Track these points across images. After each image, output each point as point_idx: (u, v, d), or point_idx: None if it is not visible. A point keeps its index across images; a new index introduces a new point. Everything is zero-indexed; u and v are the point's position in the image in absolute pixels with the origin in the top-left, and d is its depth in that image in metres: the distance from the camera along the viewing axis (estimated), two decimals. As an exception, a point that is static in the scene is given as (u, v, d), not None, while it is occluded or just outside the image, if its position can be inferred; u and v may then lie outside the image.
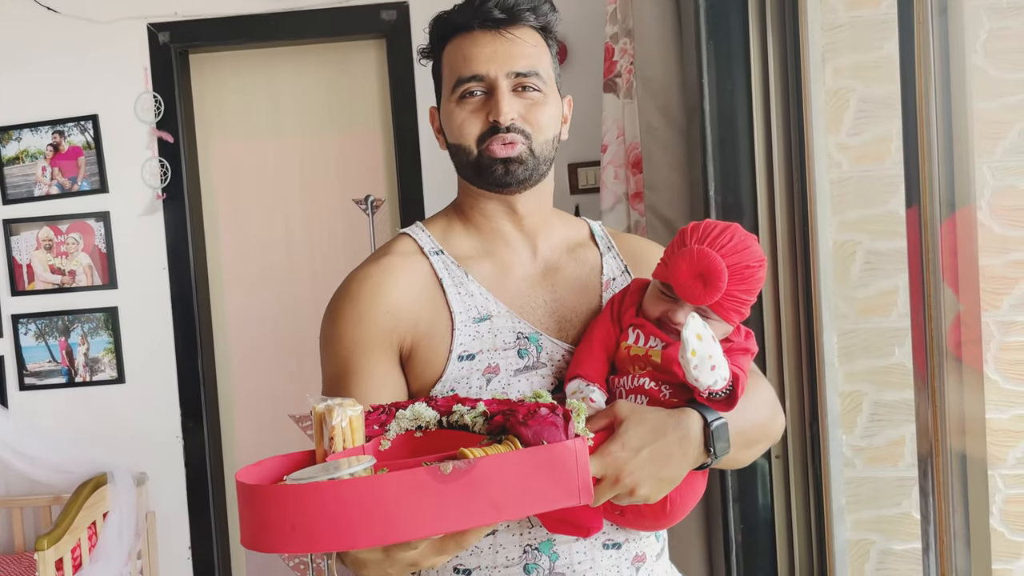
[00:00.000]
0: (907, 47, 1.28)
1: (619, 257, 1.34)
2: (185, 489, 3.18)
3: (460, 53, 1.21)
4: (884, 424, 1.98)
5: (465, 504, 0.86)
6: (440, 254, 1.25)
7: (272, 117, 3.25)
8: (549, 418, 0.93)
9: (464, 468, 0.87)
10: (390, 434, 1.01)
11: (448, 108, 1.23)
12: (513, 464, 0.89)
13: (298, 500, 0.84)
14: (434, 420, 1.01)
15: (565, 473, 0.91)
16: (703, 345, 1.03)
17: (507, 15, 1.20)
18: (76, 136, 3.12)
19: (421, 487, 0.85)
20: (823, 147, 1.94)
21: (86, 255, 3.14)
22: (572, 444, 0.92)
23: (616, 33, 2.45)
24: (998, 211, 1.85)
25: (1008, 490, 1.86)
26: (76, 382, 3.17)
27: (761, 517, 2.07)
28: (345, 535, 0.83)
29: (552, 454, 0.91)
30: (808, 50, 1.91)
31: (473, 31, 1.21)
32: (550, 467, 0.90)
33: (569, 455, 0.91)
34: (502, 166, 1.20)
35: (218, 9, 3.07)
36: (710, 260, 1.09)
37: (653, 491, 1.07)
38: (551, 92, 1.23)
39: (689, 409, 1.10)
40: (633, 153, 2.40)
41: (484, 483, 0.87)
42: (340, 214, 3.24)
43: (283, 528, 0.84)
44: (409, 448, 1.01)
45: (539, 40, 1.23)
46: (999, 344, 1.85)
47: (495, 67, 1.19)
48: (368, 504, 0.84)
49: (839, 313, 1.97)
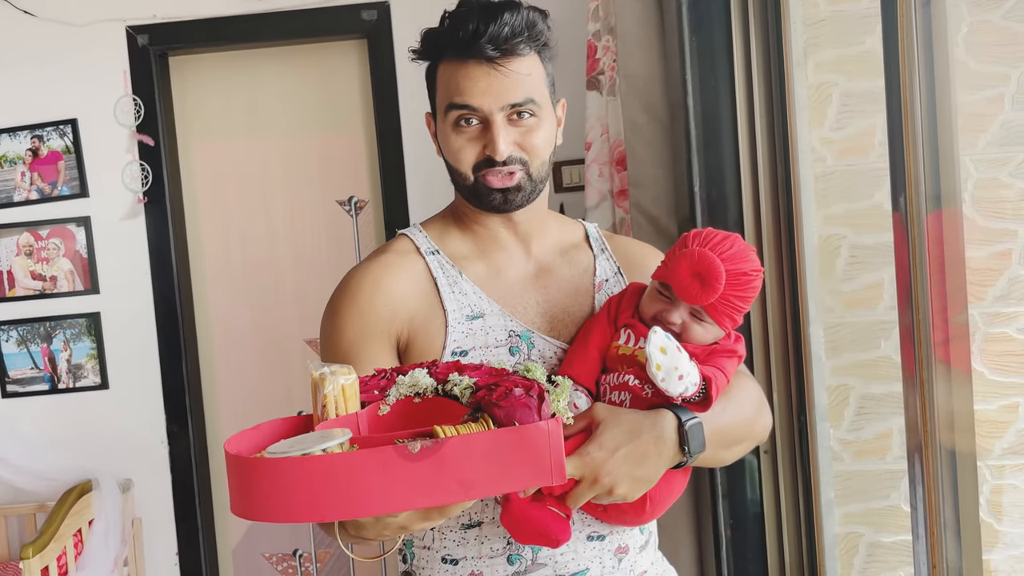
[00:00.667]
0: (891, 40, 1.28)
1: (612, 259, 1.36)
2: (171, 495, 3.15)
3: (453, 81, 1.20)
4: (871, 417, 1.98)
5: (433, 482, 0.88)
6: (436, 254, 1.28)
7: (254, 119, 3.23)
8: (522, 399, 0.93)
9: (431, 447, 0.88)
10: (390, 399, 1.04)
11: (443, 129, 1.23)
12: (482, 444, 0.90)
13: (272, 473, 0.87)
14: (431, 387, 1.03)
15: (536, 453, 0.91)
16: (667, 358, 1.08)
17: (501, 52, 1.18)
18: (55, 140, 3.08)
19: (389, 464, 0.87)
20: (807, 141, 1.95)
21: (67, 260, 3.11)
22: (545, 425, 0.92)
23: (599, 30, 2.45)
24: (981, 203, 1.86)
25: (995, 480, 1.88)
26: (59, 389, 3.14)
27: (750, 512, 2.07)
28: (317, 508, 0.86)
29: (523, 435, 0.91)
30: (790, 45, 1.91)
31: (466, 62, 1.19)
32: (520, 448, 0.90)
33: (541, 436, 0.91)
34: (500, 195, 1.22)
35: (197, 11, 3.05)
36: (710, 261, 1.13)
37: (631, 490, 1.10)
38: (545, 113, 1.23)
39: (664, 410, 1.13)
40: (617, 150, 2.40)
41: (452, 462, 0.88)
42: (323, 215, 3.22)
43: (260, 498, 0.88)
44: (407, 414, 1.04)
45: (534, 61, 1.22)
46: (984, 336, 1.86)
47: (489, 101, 1.18)
48: (338, 479, 0.86)
49: (825, 307, 1.98)
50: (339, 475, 0.86)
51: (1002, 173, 1.85)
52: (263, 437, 1.00)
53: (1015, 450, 1.86)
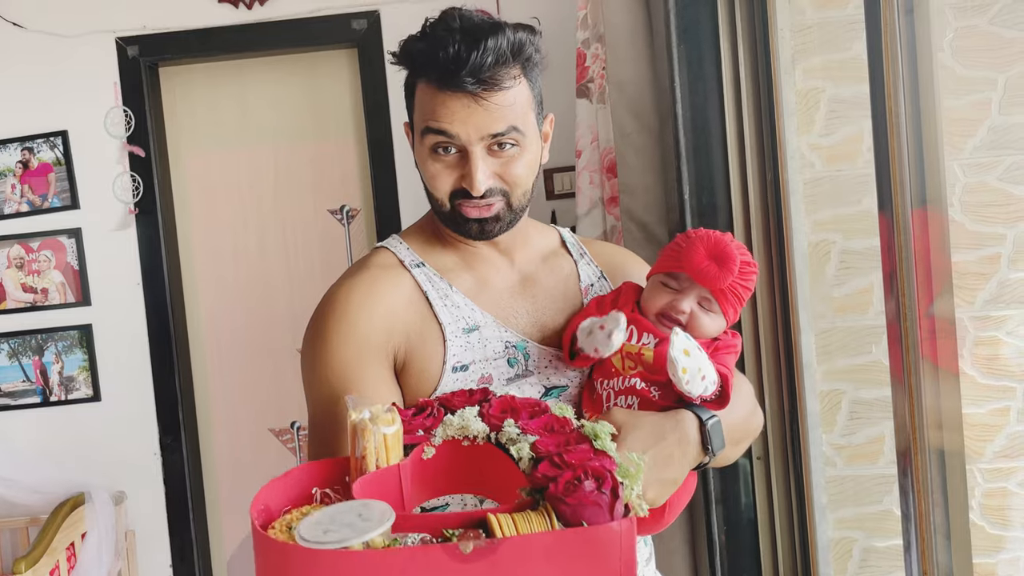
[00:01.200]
0: (875, 47, 1.28)
1: (593, 263, 1.34)
2: (165, 507, 3.14)
3: (430, 106, 1.14)
4: (863, 422, 1.99)
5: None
6: (422, 266, 1.24)
7: (244, 129, 3.23)
8: (593, 495, 0.83)
9: (486, 548, 0.78)
10: (436, 440, 0.96)
11: (420, 150, 1.18)
12: (545, 546, 0.80)
13: (304, 563, 0.77)
14: (483, 434, 0.95)
15: (606, 558, 0.81)
16: (691, 360, 1.07)
17: (482, 86, 1.11)
18: (46, 152, 3.08)
19: (437, 566, 0.78)
20: (795, 147, 1.95)
21: (58, 272, 3.10)
22: (618, 527, 0.81)
23: (587, 38, 2.45)
24: (969, 207, 1.86)
25: (987, 484, 1.88)
26: (51, 401, 3.12)
27: (744, 518, 2.07)
28: None
29: (592, 538, 0.81)
30: (778, 51, 1.92)
31: (443, 91, 1.12)
32: (588, 552, 0.80)
33: (612, 539, 0.81)
34: (477, 225, 1.19)
35: (187, 22, 3.05)
36: (724, 243, 1.15)
37: (659, 494, 1.06)
38: (529, 139, 1.17)
39: (683, 410, 1.11)
40: (607, 158, 2.40)
41: (509, 566, 0.79)
42: (315, 225, 3.22)
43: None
44: (455, 459, 0.95)
45: (519, 87, 1.15)
46: (974, 339, 1.86)
47: (468, 132, 1.12)
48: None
49: (816, 313, 1.98)
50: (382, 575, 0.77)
51: (990, 177, 1.86)
52: (293, 488, 0.90)
53: (1006, 453, 1.87)
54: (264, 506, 0.87)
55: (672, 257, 1.18)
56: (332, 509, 0.83)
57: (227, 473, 3.27)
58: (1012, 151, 1.85)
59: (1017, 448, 1.87)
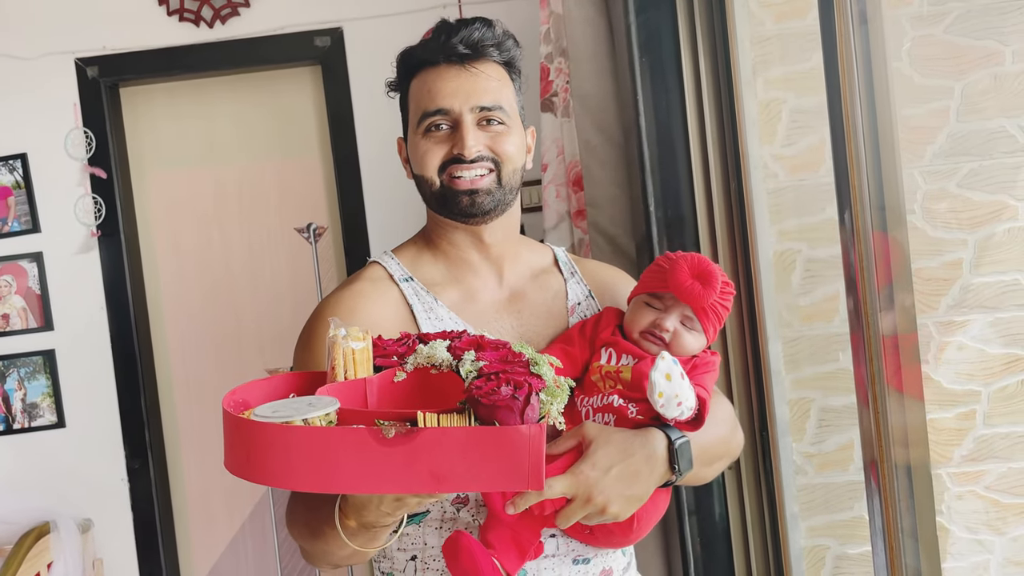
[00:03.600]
0: (831, 57, 1.30)
1: (583, 282, 1.37)
2: (133, 534, 3.08)
3: (425, 88, 1.24)
4: (832, 429, 2.00)
5: (405, 469, 0.87)
6: (410, 281, 1.28)
7: (208, 148, 3.20)
8: (506, 399, 0.90)
9: (406, 435, 0.87)
10: (407, 366, 1.03)
11: (414, 141, 1.26)
12: (458, 439, 0.88)
13: (252, 436, 0.89)
14: (447, 362, 1.02)
15: (513, 457, 0.88)
16: (670, 385, 1.10)
17: (471, 50, 1.23)
18: (5, 176, 3.03)
19: (363, 446, 0.87)
20: (759, 158, 1.97)
21: (20, 297, 3.05)
22: (527, 430, 0.89)
23: (551, 53, 2.46)
24: (930, 214, 1.88)
25: (955, 488, 1.89)
26: (14, 429, 3.06)
27: (718, 528, 2.07)
28: (291, 476, 0.88)
29: (500, 437, 0.88)
30: (739, 63, 1.93)
31: (439, 65, 1.24)
32: (498, 449, 0.88)
33: (520, 440, 0.88)
34: (467, 197, 1.23)
35: (147, 42, 3.02)
36: (706, 263, 1.21)
37: (623, 509, 1.10)
38: (515, 124, 1.27)
39: (654, 429, 1.15)
40: (573, 171, 2.41)
41: (426, 452, 0.87)
42: (282, 243, 3.19)
43: (239, 456, 0.91)
44: (422, 384, 1.03)
45: (503, 74, 1.27)
46: (939, 344, 1.88)
47: (459, 101, 1.22)
48: (312, 453, 0.87)
49: (783, 321, 1.99)
50: (314, 449, 0.87)
51: (950, 184, 1.88)
52: (273, 391, 1.02)
53: (973, 457, 1.88)
54: (242, 399, 0.99)
55: (656, 277, 1.23)
56: (289, 399, 0.96)
57: (197, 497, 3.22)
58: (970, 157, 1.87)
59: (984, 452, 1.88)
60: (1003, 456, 1.88)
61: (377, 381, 1.02)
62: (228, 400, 0.97)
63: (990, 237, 1.88)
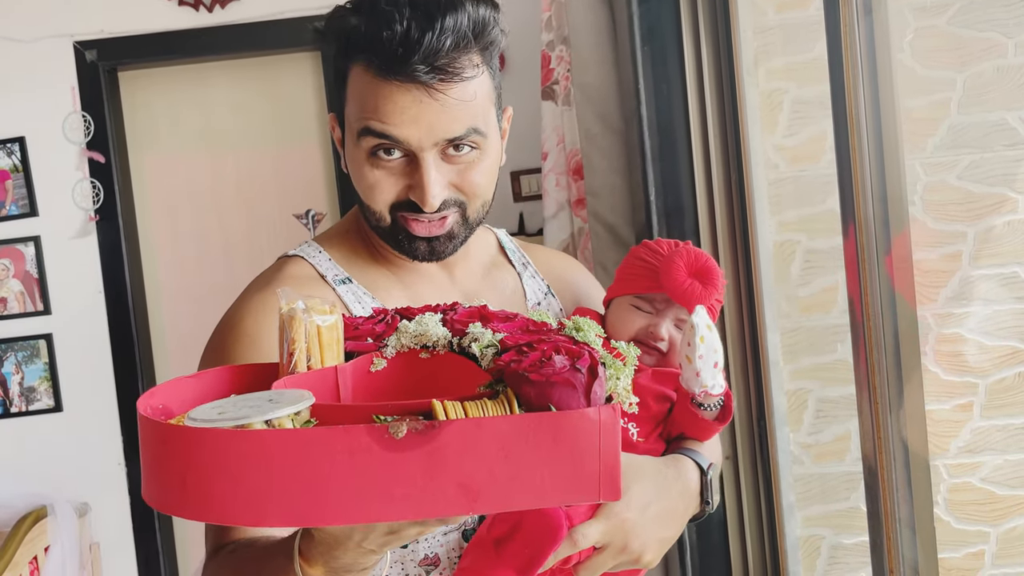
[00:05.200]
0: (834, 48, 1.29)
1: (538, 275, 1.17)
2: (130, 518, 3.09)
3: (371, 99, 0.92)
4: (829, 420, 2.00)
5: (424, 483, 0.61)
6: (348, 283, 1.03)
7: (207, 133, 3.19)
8: (565, 372, 0.64)
9: (424, 433, 0.60)
10: (387, 351, 0.77)
11: (354, 153, 0.96)
12: (499, 434, 0.62)
13: (189, 449, 0.60)
14: (444, 340, 0.76)
15: (580, 454, 0.62)
16: (712, 335, 0.92)
17: (439, 75, 0.90)
18: (3, 159, 3.02)
19: (361, 452, 0.60)
20: (759, 148, 1.96)
21: (17, 281, 3.05)
22: (596, 414, 0.63)
23: (552, 40, 2.45)
24: (930, 206, 1.89)
25: (952, 479, 1.90)
26: (11, 413, 3.06)
27: (714, 517, 2.08)
28: (250, 506, 0.60)
29: (562, 425, 0.62)
30: (741, 53, 1.92)
31: (389, 81, 0.90)
32: (556, 444, 0.62)
33: (589, 428, 0.62)
34: (425, 244, 0.98)
35: (146, 25, 3.00)
36: (704, 258, 1.03)
37: (656, 555, 0.90)
38: (491, 141, 0.98)
39: (683, 457, 0.97)
40: (573, 160, 2.40)
41: (454, 457, 0.61)
42: (281, 229, 3.19)
43: (173, 482, 0.61)
44: (409, 373, 0.77)
45: (481, 78, 0.94)
46: (937, 336, 1.88)
47: (419, 135, 0.91)
48: (284, 468, 0.59)
49: (781, 312, 1.99)
50: (286, 461, 0.59)
51: (950, 176, 1.88)
52: (205, 391, 0.73)
53: (970, 449, 1.89)
54: (163, 405, 0.70)
55: (645, 276, 1.05)
56: (238, 396, 0.68)
57: (194, 482, 3.23)
58: (971, 150, 1.87)
59: (980, 443, 1.89)
60: (999, 448, 1.88)
61: (351, 370, 0.76)
62: (144, 406, 0.68)
63: (990, 230, 1.88)
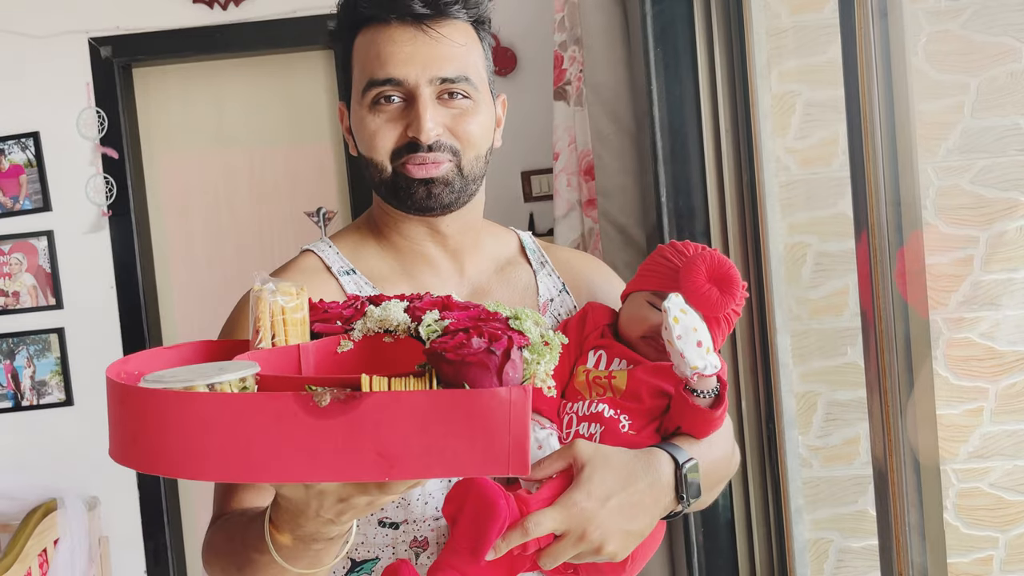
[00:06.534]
0: (849, 51, 1.29)
1: (555, 274, 1.19)
2: (139, 512, 3.11)
3: (373, 50, 1.02)
4: (839, 423, 2.00)
5: (345, 449, 0.67)
6: (351, 273, 1.08)
7: (219, 130, 3.21)
8: (479, 353, 0.70)
9: (345, 402, 0.66)
10: (355, 334, 0.83)
11: (359, 114, 1.05)
12: (414, 406, 0.67)
13: (142, 407, 0.67)
14: (404, 325, 0.81)
15: (489, 430, 0.68)
16: (687, 317, 0.94)
17: (431, 8, 1.00)
18: (17, 154, 3.04)
19: (287, 418, 0.66)
20: (771, 150, 1.96)
21: (30, 275, 3.06)
22: (507, 393, 0.68)
23: (565, 41, 2.45)
24: (943, 210, 1.88)
25: (961, 484, 1.90)
26: (23, 406, 3.08)
27: (722, 519, 2.07)
28: (189, 461, 0.67)
29: (472, 402, 0.68)
30: (754, 55, 1.92)
31: (389, 24, 1.01)
32: (468, 419, 0.68)
33: (499, 405, 0.68)
34: (423, 188, 1.03)
35: (161, 22, 3.02)
36: (727, 265, 1.02)
37: (621, 547, 0.92)
38: (483, 97, 1.05)
39: (657, 450, 0.97)
40: (585, 160, 2.41)
41: (372, 426, 0.67)
42: (292, 227, 3.20)
43: (125, 437, 0.69)
44: (373, 355, 0.83)
45: (470, 35, 1.05)
46: (947, 341, 1.88)
47: (415, 71, 1.00)
48: (222, 428, 0.66)
49: (792, 315, 1.99)
50: (222, 422, 0.66)
51: (963, 180, 1.88)
52: (176, 361, 0.80)
53: (980, 454, 1.89)
54: (138, 372, 0.76)
55: (665, 275, 1.05)
56: (195, 365, 0.74)
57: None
58: (984, 154, 1.87)
59: (990, 449, 1.89)
60: (1009, 453, 1.88)
61: (314, 349, 0.82)
62: (116, 370, 0.75)
63: (1002, 234, 1.87)
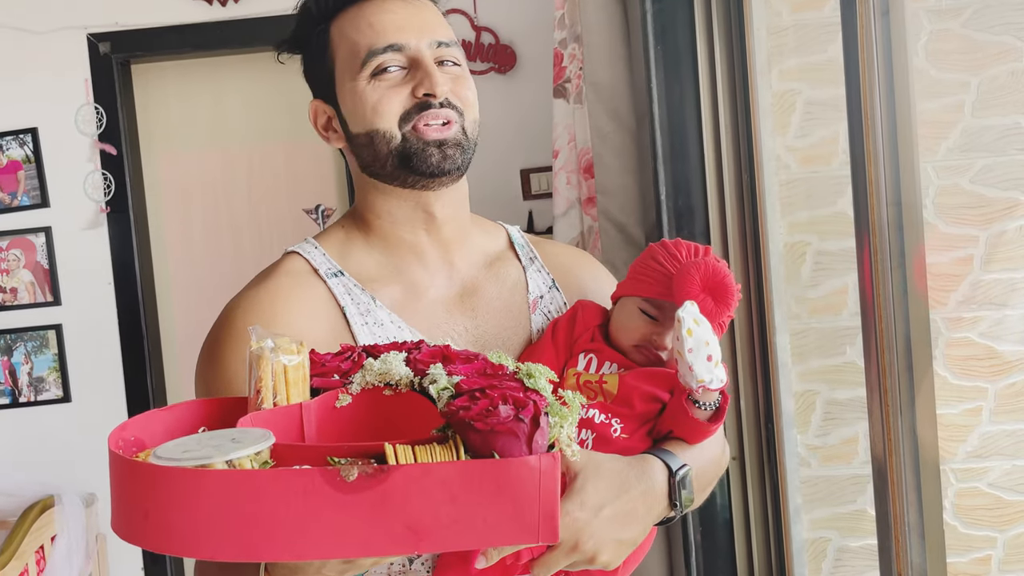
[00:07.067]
0: (851, 49, 1.29)
1: (544, 269, 1.17)
2: (136, 509, 3.10)
3: (364, 22, 1.04)
4: (837, 423, 2.00)
5: (373, 524, 0.66)
6: (339, 275, 1.06)
7: (218, 127, 3.20)
8: (508, 422, 0.69)
9: (374, 476, 0.66)
10: (353, 387, 0.82)
11: (356, 89, 1.04)
12: (445, 479, 0.67)
13: (154, 485, 0.66)
14: (406, 379, 0.81)
15: (521, 500, 0.67)
16: (701, 329, 0.93)
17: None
18: (15, 150, 3.03)
19: (314, 494, 0.65)
20: (771, 149, 1.96)
21: (28, 271, 3.06)
22: (536, 462, 0.68)
23: (564, 38, 2.45)
24: (943, 209, 1.88)
25: (960, 484, 1.90)
26: (20, 402, 3.07)
27: (720, 518, 2.07)
28: (209, 542, 0.65)
29: (504, 472, 0.68)
30: (754, 53, 1.92)
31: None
32: (499, 490, 0.67)
33: (529, 476, 0.68)
34: (438, 150, 1.02)
35: (160, 18, 3.01)
36: (722, 274, 0.99)
37: (615, 556, 0.92)
38: (467, 69, 1.09)
39: (650, 457, 0.97)
40: (584, 158, 2.40)
41: (401, 499, 0.66)
42: (290, 224, 3.20)
43: (137, 515, 0.67)
44: (373, 409, 0.82)
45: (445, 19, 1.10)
46: (947, 340, 1.88)
47: (415, 36, 1.02)
48: (241, 506, 0.64)
49: (791, 313, 1.99)
50: (243, 500, 0.64)
51: (963, 179, 1.88)
52: (175, 424, 0.78)
53: (978, 454, 1.89)
54: (135, 438, 0.76)
55: (658, 282, 1.02)
56: (204, 434, 0.73)
57: (200, 475, 3.24)
58: (984, 154, 1.87)
59: (989, 448, 1.89)
60: (1008, 453, 1.88)
61: (315, 407, 0.80)
62: (116, 440, 0.74)
63: (1001, 234, 1.87)
